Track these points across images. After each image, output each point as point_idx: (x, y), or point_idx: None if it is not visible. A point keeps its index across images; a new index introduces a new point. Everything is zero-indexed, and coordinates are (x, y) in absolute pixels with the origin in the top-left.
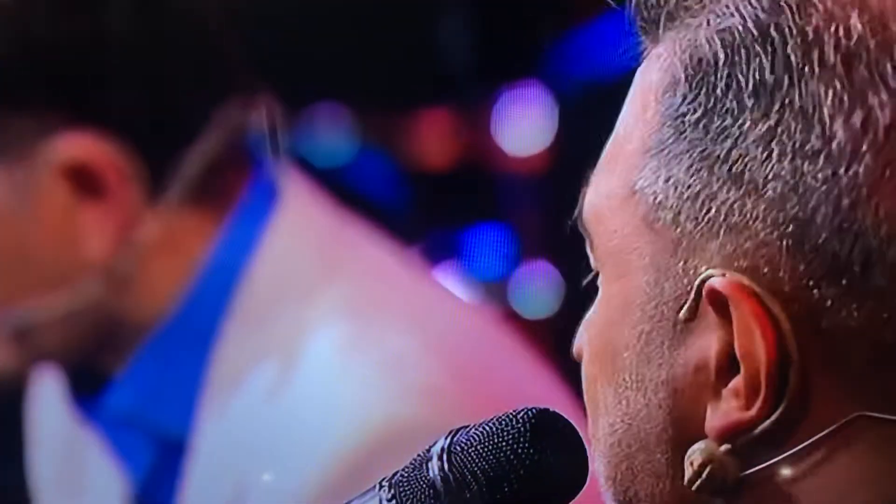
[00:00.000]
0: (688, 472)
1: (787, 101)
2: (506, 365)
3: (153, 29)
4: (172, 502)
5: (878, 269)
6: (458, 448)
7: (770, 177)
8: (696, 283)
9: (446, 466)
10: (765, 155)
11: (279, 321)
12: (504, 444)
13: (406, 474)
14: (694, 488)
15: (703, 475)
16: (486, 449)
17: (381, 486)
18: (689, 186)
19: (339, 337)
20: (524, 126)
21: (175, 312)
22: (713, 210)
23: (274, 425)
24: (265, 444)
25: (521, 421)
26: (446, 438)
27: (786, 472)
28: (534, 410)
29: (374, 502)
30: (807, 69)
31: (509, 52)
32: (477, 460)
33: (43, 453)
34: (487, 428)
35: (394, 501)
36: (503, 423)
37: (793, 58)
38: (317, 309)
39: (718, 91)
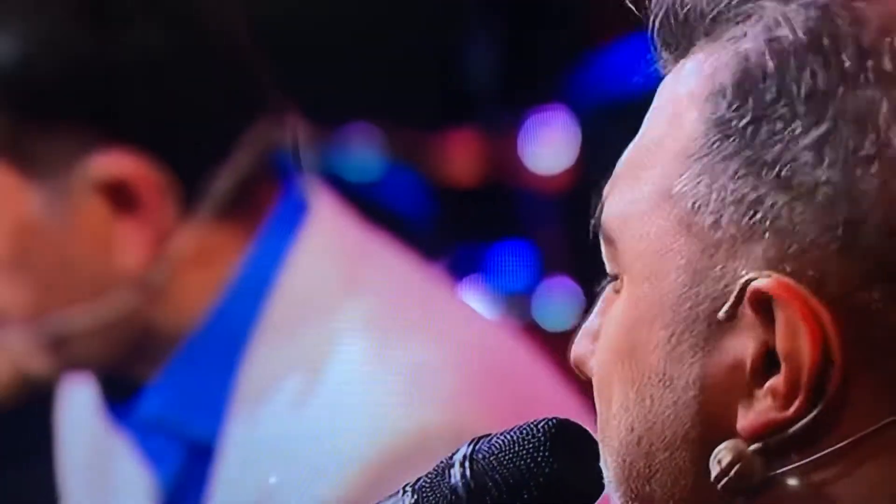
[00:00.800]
0: (714, 470)
1: (841, 107)
2: (523, 374)
3: (186, 50)
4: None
5: None
6: (480, 456)
7: (822, 182)
8: (739, 284)
9: (468, 473)
10: (816, 160)
11: (306, 333)
12: (524, 452)
13: (429, 480)
14: (720, 486)
15: (731, 473)
16: (506, 457)
17: (404, 491)
18: (733, 191)
19: (362, 349)
20: (547, 146)
21: (206, 323)
22: (758, 214)
23: (300, 433)
24: (291, 450)
25: (541, 431)
26: (468, 446)
27: (813, 474)
28: (554, 421)
29: None
30: (862, 77)
31: (534, 76)
32: (498, 468)
33: (70, 455)
34: (508, 437)
35: None
36: (524, 432)
37: (847, 66)
38: (342, 322)
39: (768, 98)
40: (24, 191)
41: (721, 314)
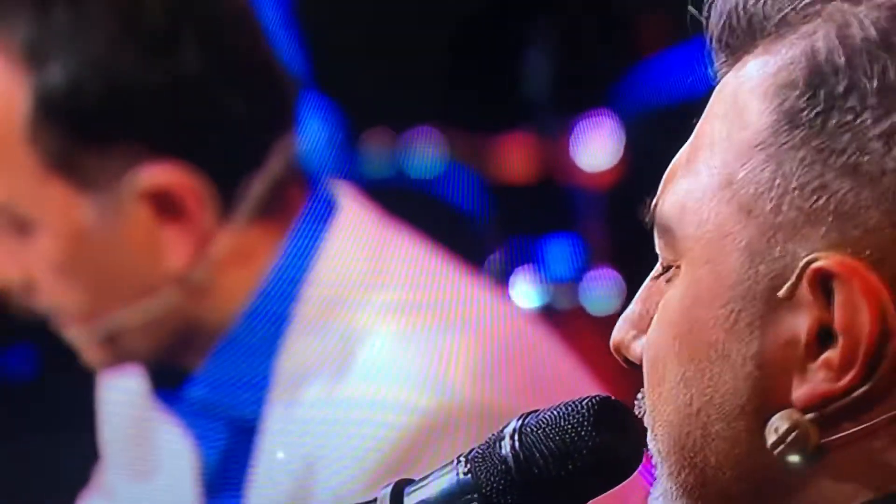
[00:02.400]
0: (771, 438)
1: None
2: (539, 356)
3: (220, 69)
4: (244, 478)
5: None
6: (529, 429)
7: (889, 169)
8: (801, 264)
9: (517, 445)
10: (885, 150)
11: (337, 322)
12: (570, 426)
13: (481, 451)
14: (776, 452)
15: (787, 441)
16: (553, 430)
17: (458, 461)
18: (798, 177)
19: (389, 336)
20: (595, 147)
21: (245, 315)
22: (822, 199)
23: (335, 413)
24: (327, 430)
25: (585, 406)
26: (518, 420)
27: (864, 441)
28: (598, 397)
29: (452, 475)
30: None
31: (584, 84)
32: (545, 440)
33: (113, 433)
34: (555, 412)
35: (469, 475)
36: (570, 407)
37: None
38: (370, 312)
39: (839, 90)
40: (79, 203)
41: (782, 292)
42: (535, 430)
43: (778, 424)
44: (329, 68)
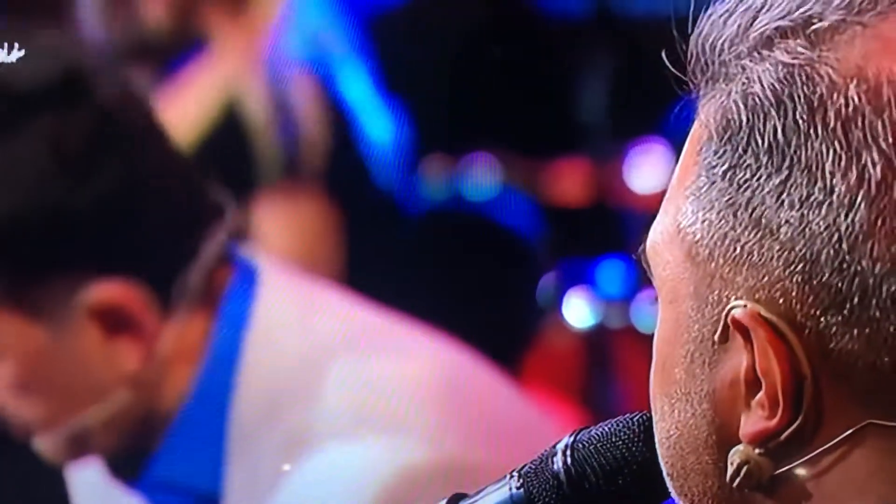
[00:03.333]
0: (729, 471)
1: (795, 158)
2: (490, 396)
3: (146, 184)
4: None
5: (873, 302)
6: (580, 445)
7: (782, 223)
8: (724, 312)
9: (569, 461)
10: (778, 204)
11: (281, 383)
12: (620, 442)
13: (533, 467)
14: (735, 485)
15: (742, 473)
16: (604, 446)
17: (511, 476)
18: (719, 228)
19: (335, 396)
20: (647, 171)
21: (193, 394)
22: (737, 249)
23: (294, 475)
24: (290, 491)
25: (636, 423)
26: (570, 436)
27: (809, 471)
28: (647, 415)
29: (505, 490)
30: (812, 131)
31: (637, 111)
32: (596, 455)
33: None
34: (607, 428)
35: (522, 490)
36: (620, 424)
37: (800, 122)
38: (312, 370)
39: (741, 148)
40: (29, 328)
41: (716, 337)
42: (586, 445)
43: (733, 458)
44: (388, 95)
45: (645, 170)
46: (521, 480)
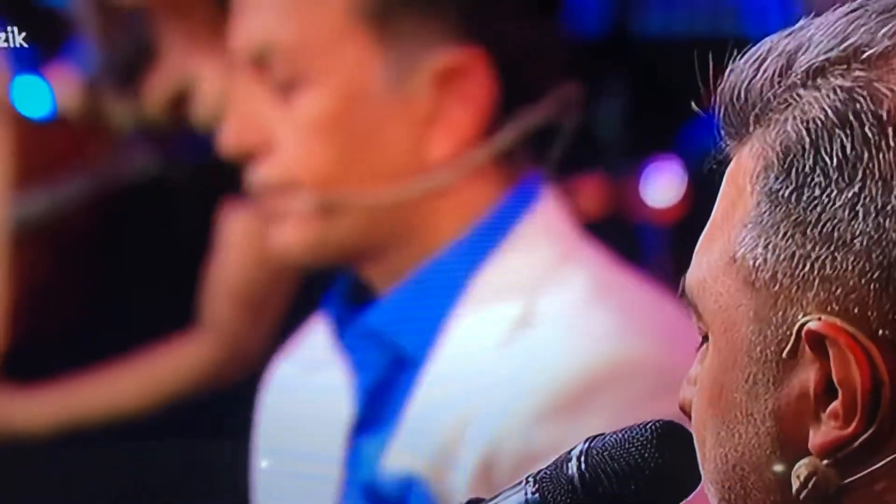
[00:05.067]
0: (795, 484)
1: (867, 170)
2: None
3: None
4: (395, 416)
5: None
6: (595, 451)
7: (857, 234)
8: (796, 328)
9: (583, 466)
10: (851, 216)
11: (521, 285)
12: (633, 448)
13: (548, 472)
14: (802, 497)
15: (809, 485)
16: (618, 452)
17: (526, 481)
18: (785, 249)
19: (576, 289)
20: (662, 185)
21: (443, 255)
22: (807, 266)
23: (508, 366)
24: (496, 380)
25: (649, 430)
26: (584, 443)
27: (880, 479)
28: (661, 422)
29: (521, 494)
30: (884, 143)
31: (652, 128)
32: (610, 461)
33: (268, 438)
34: (620, 435)
35: (537, 494)
36: (634, 431)
37: (870, 136)
38: (557, 277)
39: (807, 168)
40: (374, 61)
41: (785, 354)
42: (601, 451)
43: (800, 472)
44: None
45: (660, 186)
46: (537, 486)
